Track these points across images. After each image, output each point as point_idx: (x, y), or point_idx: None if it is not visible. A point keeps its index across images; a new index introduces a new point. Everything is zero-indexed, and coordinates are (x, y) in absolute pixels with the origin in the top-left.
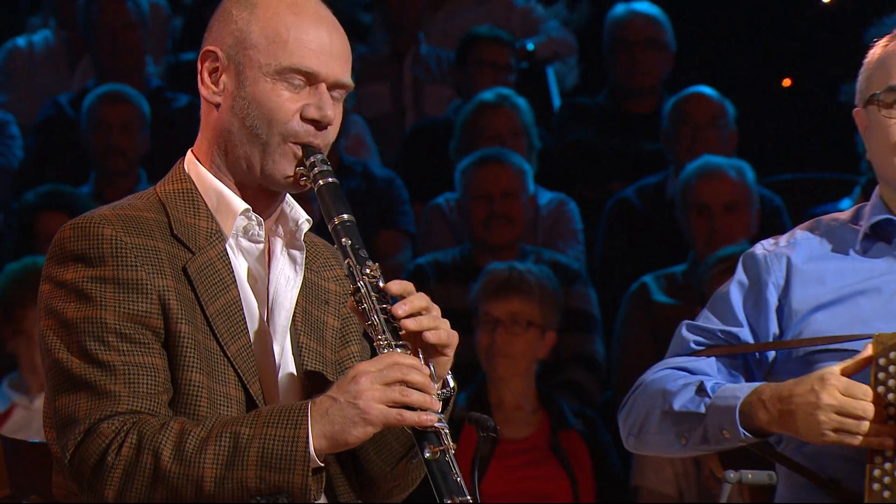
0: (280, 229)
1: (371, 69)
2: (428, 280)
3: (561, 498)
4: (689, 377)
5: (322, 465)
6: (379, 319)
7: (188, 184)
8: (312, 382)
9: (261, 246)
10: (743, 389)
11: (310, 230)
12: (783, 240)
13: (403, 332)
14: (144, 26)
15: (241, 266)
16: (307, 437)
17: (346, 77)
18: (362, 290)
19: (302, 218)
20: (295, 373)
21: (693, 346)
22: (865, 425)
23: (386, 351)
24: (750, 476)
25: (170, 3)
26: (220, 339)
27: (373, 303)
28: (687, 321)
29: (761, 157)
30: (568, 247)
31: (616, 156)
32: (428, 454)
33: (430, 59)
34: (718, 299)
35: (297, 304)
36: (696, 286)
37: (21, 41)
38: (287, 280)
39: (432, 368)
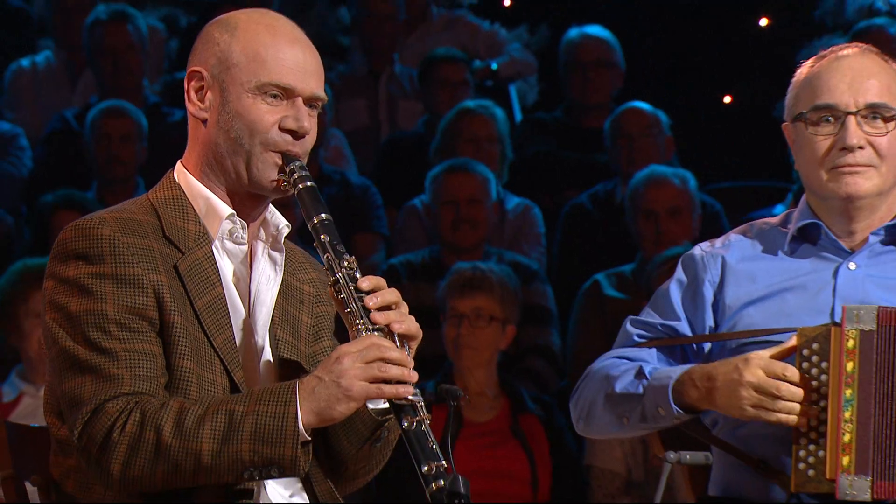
0: (262, 233)
1: (349, 87)
2: (400, 278)
3: (521, 476)
4: (630, 363)
5: (309, 439)
6: (357, 306)
7: (178, 191)
8: (288, 372)
9: (244, 247)
10: (676, 371)
11: (289, 235)
12: (718, 242)
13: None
14: (143, 48)
15: (226, 266)
16: (296, 414)
17: (321, 91)
18: (341, 281)
19: (282, 223)
20: (273, 362)
21: (636, 338)
22: (782, 403)
23: (364, 334)
24: (688, 457)
25: (167, 26)
26: (207, 331)
27: (351, 292)
28: (631, 316)
29: (703, 167)
30: (531, 249)
31: (571, 166)
32: (406, 424)
33: (403, 77)
34: (659, 296)
35: (275, 303)
36: (644, 283)
37: (25, 62)
38: (268, 279)
39: (408, 349)
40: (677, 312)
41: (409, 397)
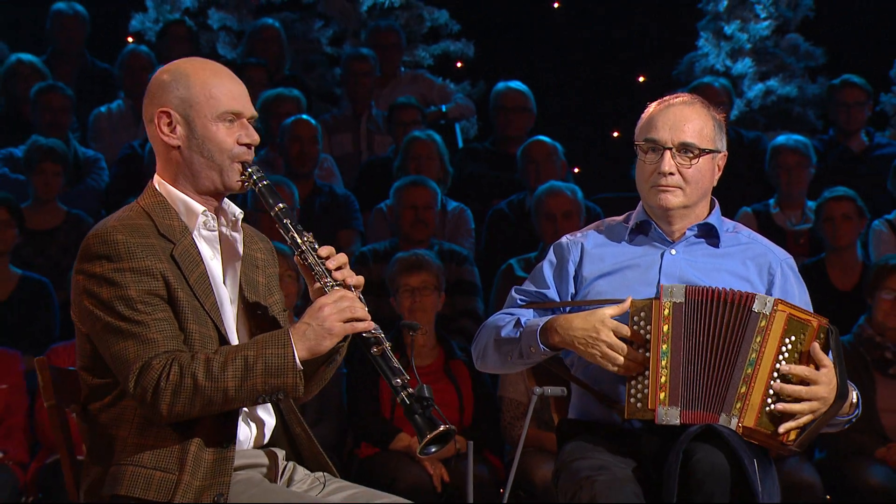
0: (223, 220)
1: (339, 124)
2: (368, 261)
3: (451, 405)
4: (512, 317)
5: (302, 369)
6: (321, 269)
7: (160, 197)
8: (252, 319)
9: (215, 233)
10: (542, 320)
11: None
12: (579, 233)
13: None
14: None
15: (204, 249)
16: (293, 352)
17: (255, 111)
18: (307, 251)
19: (237, 211)
20: (245, 315)
21: (518, 302)
22: (621, 359)
23: (331, 287)
24: (549, 391)
25: None
26: (200, 299)
27: (315, 258)
28: (515, 286)
29: (590, 182)
30: (464, 239)
31: (496, 181)
32: (374, 351)
33: (378, 118)
34: (536, 271)
35: (240, 271)
36: None
37: (103, 108)
38: (234, 253)
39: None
40: (548, 283)
41: (373, 331)
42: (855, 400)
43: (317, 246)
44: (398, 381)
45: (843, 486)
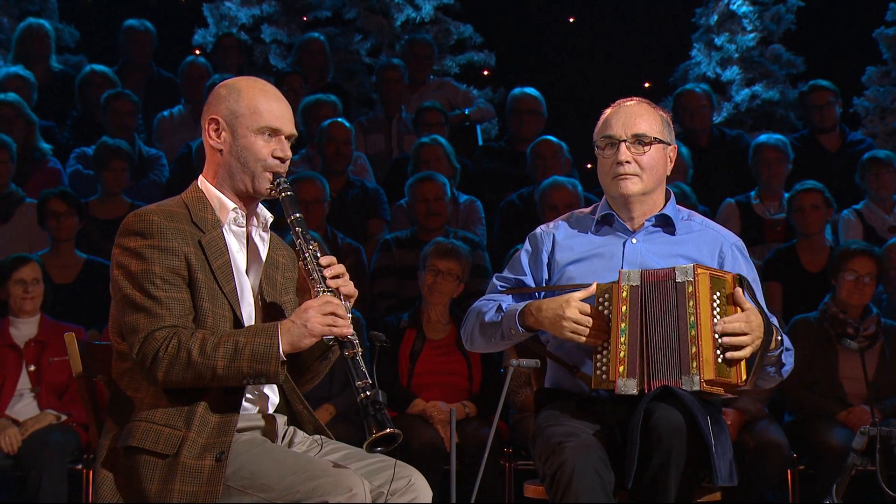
0: (255, 221)
1: (372, 126)
2: (391, 247)
3: (462, 374)
4: (494, 303)
5: (285, 360)
6: (318, 275)
7: (201, 193)
8: (267, 310)
9: (243, 230)
10: (520, 305)
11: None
12: (552, 224)
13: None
14: None
15: (232, 242)
16: (278, 344)
17: (294, 130)
18: (308, 258)
19: (268, 215)
20: (259, 303)
21: (499, 288)
22: (585, 331)
23: (322, 293)
24: (524, 363)
25: None
26: (220, 283)
27: (314, 265)
28: (496, 273)
29: (590, 178)
30: (475, 227)
31: (509, 176)
32: (346, 354)
33: (407, 121)
34: (514, 260)
35: (263, 268)
36: None
37: (165, 112)
38: (258, 251)
39: (348, 303)
40: (524, 270)
41: (349, 337)
42: (780, 337)
43: (319, 255)
44: (360, 383)
45: (808, 445)
